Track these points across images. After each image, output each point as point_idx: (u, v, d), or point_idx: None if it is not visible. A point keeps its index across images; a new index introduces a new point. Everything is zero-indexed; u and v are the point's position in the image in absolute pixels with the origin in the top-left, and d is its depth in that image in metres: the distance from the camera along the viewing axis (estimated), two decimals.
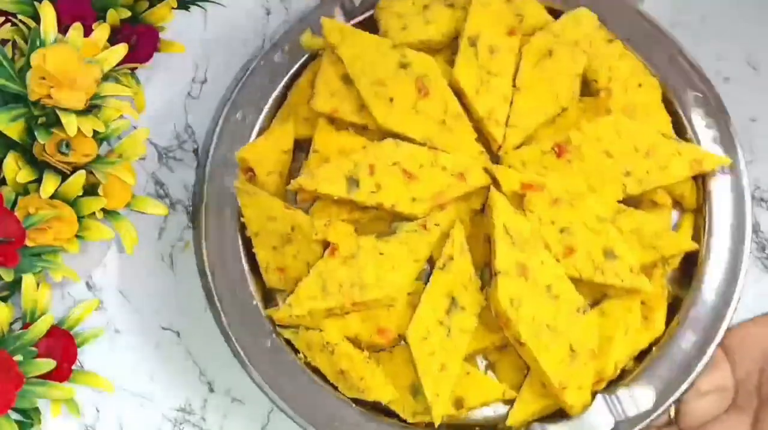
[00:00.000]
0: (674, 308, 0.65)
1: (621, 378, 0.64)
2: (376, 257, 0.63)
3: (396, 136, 0.65)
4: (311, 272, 0.63)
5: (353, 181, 0.63)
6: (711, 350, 0.63)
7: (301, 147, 0.68)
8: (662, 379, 0.62)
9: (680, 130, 0.68)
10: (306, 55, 0.69)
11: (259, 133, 0.69)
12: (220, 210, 0.67)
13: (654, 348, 0.64)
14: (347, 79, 0.66)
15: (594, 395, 0.63)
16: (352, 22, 0.69)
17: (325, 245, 0.64)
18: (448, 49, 0.68)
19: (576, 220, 0.63)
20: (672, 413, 0.63)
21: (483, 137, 0.67)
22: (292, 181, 0.65)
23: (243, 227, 0.67)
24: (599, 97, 0.67)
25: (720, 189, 0.66)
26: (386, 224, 0.66)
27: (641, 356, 0.64)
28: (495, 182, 0.65)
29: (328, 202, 0.66)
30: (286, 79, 0.69)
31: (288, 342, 0.65)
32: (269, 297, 0.66)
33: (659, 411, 0.62)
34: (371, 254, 0.63)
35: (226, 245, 0.66)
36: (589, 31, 0.67)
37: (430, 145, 0.65)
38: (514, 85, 0.66)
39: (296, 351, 0.65)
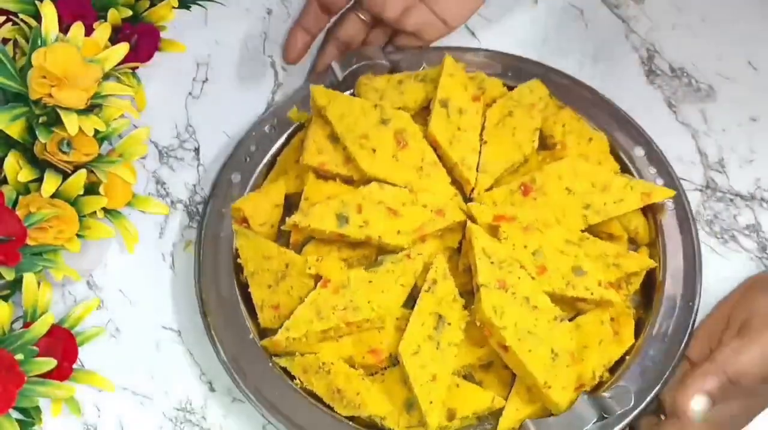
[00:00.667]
0: (639, 327, 0.70)
1: (599, 387, 0.67)
2: (366, 285, 0.68)
3: (379, 181, 0.71)
4: (306, 301, 0.67)
5: (343, 218, 0.69)
6: (679, 354, 0.67)
7: (290, 208, 0.73)
8: (638, 382, 0.66)
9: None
10: (292, 128, 0.76)
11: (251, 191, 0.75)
12: (216, 258, 0.71)
13: (627, 357, 0.68)
14: (333, 138, 0.72)
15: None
16: None
17: (317, 279, 0.68)
18: (418, 115, 0.75)
19: (546, 243, 0.68)
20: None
21: (456, 183, 0.73)
22: (287, 219, 0.70)
23: (237, 273, 0.70)
24: (556, 149, 0.75)
25: (669, 222, 0.72)
26: (372, 262, 0.71)
27: (615, 370, 0.68)
28: (470, 219, 0.71)
29: (319, 244, 0.70)
30: (275, 147, 0.76)
31: (284, 370, 0.67)
32: (263, 336, 0.69)
33: (639, 409, 0.65)
34: (361, 282, 0.68)
35: (222, 289, 0.70)
36: (542, 95, 0.76)
37: (410, 189, 0.71)
38: (481, 139, 0.74)
39: (292, 378, 0.67)
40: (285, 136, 0.76)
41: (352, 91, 0.77)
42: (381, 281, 0.68)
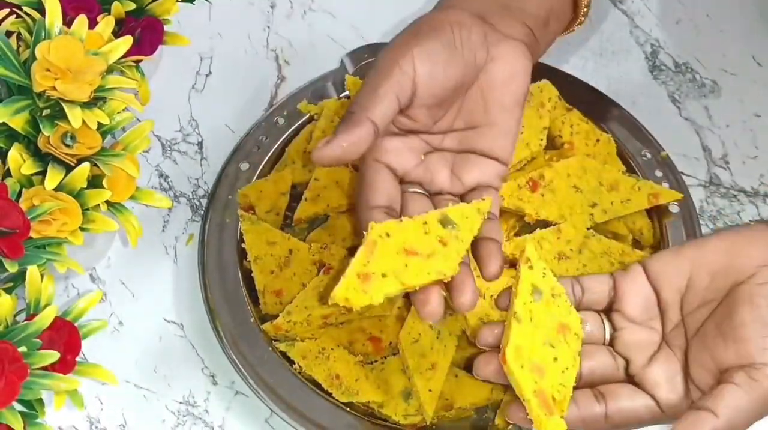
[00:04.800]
0: None
1: None
2: None
3: None
4: (308, 286, 0.68)
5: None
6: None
7: (296, 197, 0.74)
8: None
9: None
10: (302, 119, 0.77)
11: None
12: (220, 243, 0.71)
13: None
14: None
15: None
16: (342, 95, 0.77)
17: (320, 266, 0.69)
18: None
19: (560, 209, 0.69)
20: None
21: None
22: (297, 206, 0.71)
23: (241, 259, 0.71)
24: (563, 148, 0.75)
25: (675, 225, 0.72)
26: None
27: None
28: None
29: (324, 233, 0.71)
30: (284, 137, 0.76)
31: (284, 355, 0.67)
32: (264, 322, 0.69)
33: None
34: None
35: (225, 273, 0.70)
36: (552, 96, 0.76)
37: None
38: None
39: (291, 363, 0.67)
40: (294, 127, 0.76)
41: None
42: None
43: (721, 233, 0.59)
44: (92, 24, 0.66)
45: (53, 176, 0.62)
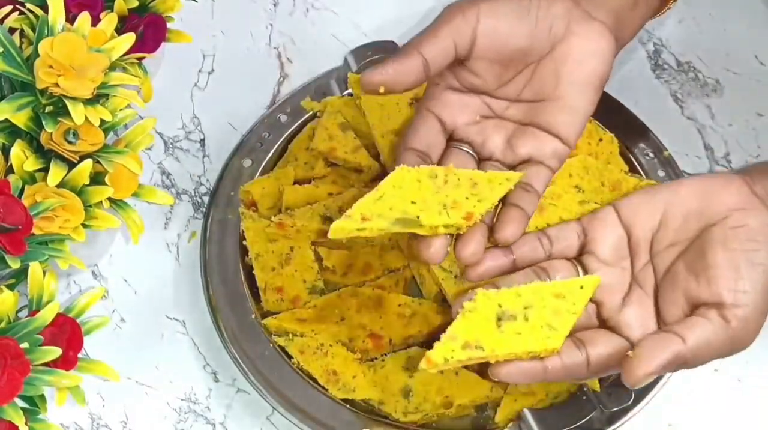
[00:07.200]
0: None
1: (600, 382, 0.66)
2: None
3: None
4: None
5: (327, 218, 0.70)
6: None
7: None
8: None
9: None
10: (305, 116, 0.77)
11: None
12: (222, 240, 0.72)
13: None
14: (343, 127, 0.74)
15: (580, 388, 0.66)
16: (345, 92, 0.78)
17: (321, 263, 0.70)
18: None
19: (564, 212, 0.68)
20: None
21: None
22: (272, 217, 0.70)
23: (243, 256, 0.71)
24: None
25: None
26: None
27: None
28: None
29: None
30: (287, 134, 0.77)
31: (283, 350, 0.67)
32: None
33: (639, 407, 0.65)
34: None
35: (227, 270, 0.70)
36: None
37: None
38: None
39: (289, 357, 0.67)
40: (297, 124, 0.77)
41: None
42: None
43: (695, 177, 0.61)
44: (95, 21, 0.66)
45: (56, 173, 0.62)
